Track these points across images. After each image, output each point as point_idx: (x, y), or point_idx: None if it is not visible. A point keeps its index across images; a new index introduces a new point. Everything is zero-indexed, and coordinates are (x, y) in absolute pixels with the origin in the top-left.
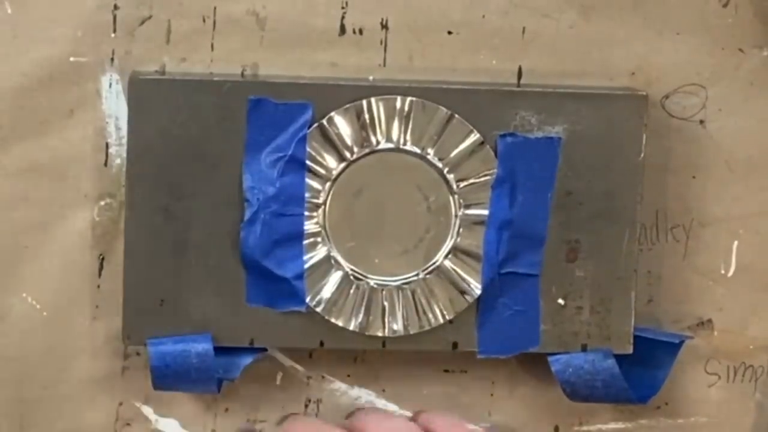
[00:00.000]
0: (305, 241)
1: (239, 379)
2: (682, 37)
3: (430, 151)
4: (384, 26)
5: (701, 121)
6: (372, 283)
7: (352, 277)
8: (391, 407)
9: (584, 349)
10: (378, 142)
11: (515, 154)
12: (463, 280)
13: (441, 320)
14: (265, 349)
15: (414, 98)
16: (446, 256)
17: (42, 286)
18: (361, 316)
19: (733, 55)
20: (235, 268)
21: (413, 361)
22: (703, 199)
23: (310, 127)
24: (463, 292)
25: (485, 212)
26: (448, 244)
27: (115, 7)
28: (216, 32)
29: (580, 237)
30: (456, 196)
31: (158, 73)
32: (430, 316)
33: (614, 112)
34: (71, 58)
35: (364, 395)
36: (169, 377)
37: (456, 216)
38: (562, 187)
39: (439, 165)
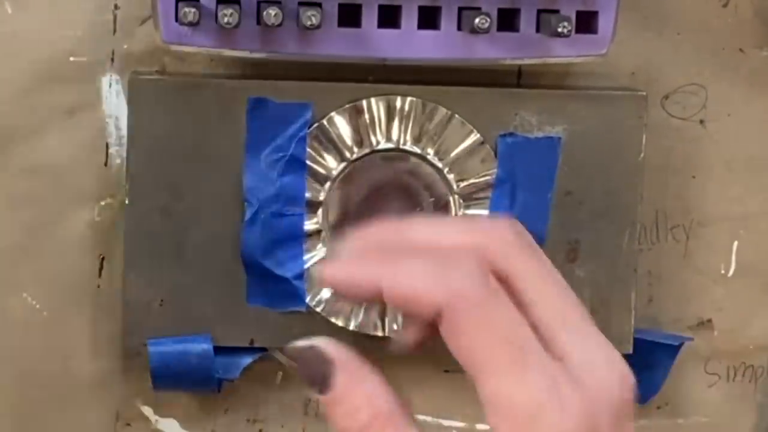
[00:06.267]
0: (305, 241)
1: (239, 379)
2: (682, 37)
3: (430, 151)
4: None
5: (701, 121)
6: None
7: None
8: None
9: None
10: (378, 142)
11: (515, 154)
12: None
13: None
14: (265, 349)
15: (414, 98)
16: None
17: (42, 286)
18: (360, 316)
19: (733, 55)
20: (235, 268)
21: (413, 361)
22: (703, 199)
23: (310, 127)
24: None
25: (485, 212)
26: None
27: (116, 7)
28: None
29: (580, 237)
30: (456, 196)
31: (158, 73)
32: None
33: (614, 112)
34: (71, 58)
35: None
36: (169, 377)
37: (456, 216)
38: (562, 187)
39: (439, 165)
